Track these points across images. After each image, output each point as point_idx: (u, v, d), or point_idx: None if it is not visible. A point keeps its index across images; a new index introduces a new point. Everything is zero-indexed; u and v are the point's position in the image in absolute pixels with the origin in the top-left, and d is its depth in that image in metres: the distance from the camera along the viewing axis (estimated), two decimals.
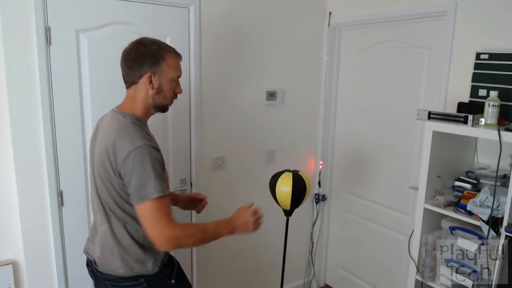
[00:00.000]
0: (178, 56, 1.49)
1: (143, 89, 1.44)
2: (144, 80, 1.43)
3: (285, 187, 1.97)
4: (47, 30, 1.83)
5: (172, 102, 1.53)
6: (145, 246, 1.46)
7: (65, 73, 1.91)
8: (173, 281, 1.52)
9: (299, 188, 1.96)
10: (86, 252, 1.58)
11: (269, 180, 2.06)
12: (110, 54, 1.99)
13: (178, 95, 1.53)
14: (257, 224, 1.55)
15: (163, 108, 1.52)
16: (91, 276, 1.60)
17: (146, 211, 1.32)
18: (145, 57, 1.41)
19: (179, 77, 1.50)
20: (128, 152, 1.31)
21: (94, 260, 1.50)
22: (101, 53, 1.98)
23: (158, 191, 1.31)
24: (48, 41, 1.84)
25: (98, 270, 1.49)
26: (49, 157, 1.91)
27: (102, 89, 2.00)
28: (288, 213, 2.10)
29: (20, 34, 1.78)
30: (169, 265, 1.55)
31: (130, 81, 1.46)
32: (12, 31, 1.76)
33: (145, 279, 1.45)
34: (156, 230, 1.32)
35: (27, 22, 1.78)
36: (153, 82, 1.43)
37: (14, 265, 1.93)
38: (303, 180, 1.99)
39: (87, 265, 1.60)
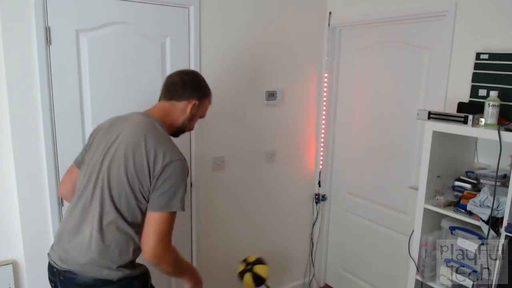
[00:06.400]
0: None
1: (180, 109, 1.54)
2: (187, 104, 1.54)
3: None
4: (47, 30, 1.83)
5: (186, 132, 1.65)
6: (138, 248, 1.43)
7: (65, 73, 1.91)
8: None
9: (261, 283, 2.03)
10: (59, 259, 1.42)
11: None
12: (110, 54, 2.00)
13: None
14: None
15: (180, 133, 1.63)
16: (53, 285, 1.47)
17: (160, 220, 1.37)
18: (200, 87, 1.59)
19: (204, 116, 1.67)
20: (170, 160, 1.39)
21: (55, 263, 1.41)
22: (101, 53, 1.98)
23: (180, 207, 1.40)
24: (48, 41, 1.84)
25: (71, 272, 1.38)
26: (49, 157, 1.91)
27: (102, 89, 2.01)
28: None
29: (20, 34, 1.78)
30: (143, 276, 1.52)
31: (174, 96, 1.54)
32: (12, 31, 1.76)
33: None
34: (158, 241, 1.35)
35: (27, 22, 1.78)
36: (193, 109, 1.55)
37: (14, 265, 1.93)
38: (263, 277, 2.02)
39: (52, 273, 1.44)
